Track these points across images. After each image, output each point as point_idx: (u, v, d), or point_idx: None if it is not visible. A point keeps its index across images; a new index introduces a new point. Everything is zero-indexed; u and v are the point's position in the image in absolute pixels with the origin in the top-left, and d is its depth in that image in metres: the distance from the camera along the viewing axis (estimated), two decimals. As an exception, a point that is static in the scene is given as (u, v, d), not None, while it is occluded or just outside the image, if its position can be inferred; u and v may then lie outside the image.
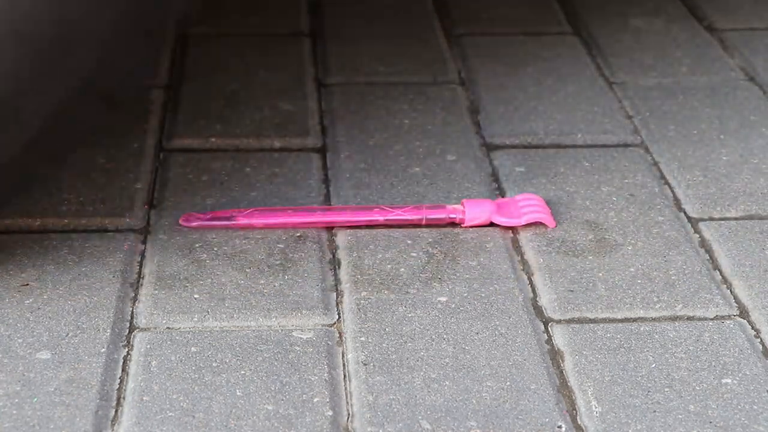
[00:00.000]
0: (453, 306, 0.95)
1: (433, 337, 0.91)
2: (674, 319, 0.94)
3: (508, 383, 0.87)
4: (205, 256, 1.00)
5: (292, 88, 1.29)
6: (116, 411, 0.83)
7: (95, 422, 0.82)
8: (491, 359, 0.89)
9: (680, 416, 0.84)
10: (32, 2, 0.80)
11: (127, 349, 0.89)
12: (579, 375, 0.88)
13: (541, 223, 1.05)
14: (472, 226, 1.05)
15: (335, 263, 1.00)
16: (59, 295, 0.95)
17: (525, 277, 0.99)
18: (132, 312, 0.93)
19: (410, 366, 0.88)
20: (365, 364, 0.88)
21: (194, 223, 1.04)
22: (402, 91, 1.29)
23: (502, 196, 1.10)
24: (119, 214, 1.05)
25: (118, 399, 0.84)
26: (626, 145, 1.19)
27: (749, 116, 1.25)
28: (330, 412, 0.84)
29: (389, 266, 1.00)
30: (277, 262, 1.00)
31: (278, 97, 1.27)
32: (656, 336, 0.92)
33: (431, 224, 1.05)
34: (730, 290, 0.98)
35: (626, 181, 1.13)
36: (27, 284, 0.96)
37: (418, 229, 1.05)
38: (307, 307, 0.94)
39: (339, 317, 0.93)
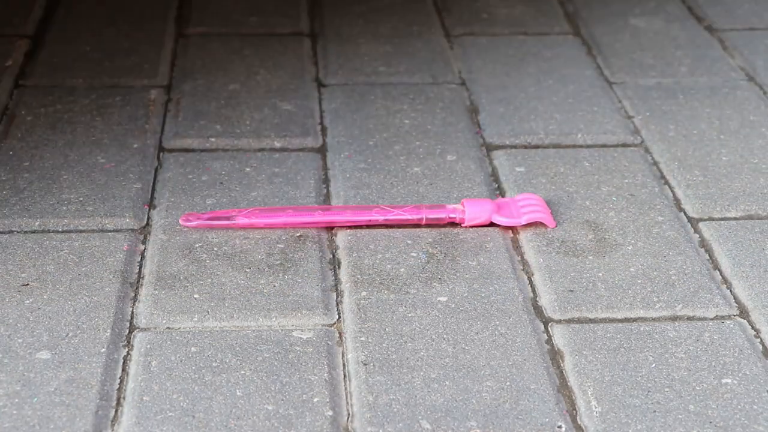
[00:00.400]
0: (453, 306, 0.95)
1: (433, 337, 0.91)
2: (674, 319, 0.94)
3: (508, 383, 0.86)
4: (205, 256, 1.00)
5: (292, 88, 1.29)
6: (116, 411, 0.83)
7: (95, 422, 0.82)
8: (491, 359, 0.89)
9: (680, 416, 0.84)
10: None
11: (127, 349, 0.89)
12: (579, 375, 0.88)
13: (541, 223, 1.05)
14: (472, 226, 1.05)
15: (335, 263, 1.00)
16: (59, 295, 0.95)
17: (525, 277, 0.99)
18: (132, 312, 0.93)
19: (410, 366, 0.88)
20: (365, 364, 0.88)
21: (194, 223, 1.04)
22: (402, 91, 1.29)
23: (502, 196, 1.10)
24: (119, 214, 1.05)
25: (118, 399, 0.84)
26: (626, 145, 1.19)
27: (749, 116, 1.25)
28: (330, 412, 0.84)
29: (389, 266, 1.00)
30: (277, 262, 1.00)
31: (278, 97, 1.27)
32: (656, 336, 0.92)
33: (431, 224, 1.05)
34: (730, 290, 0.98)
35: (626, 181, 1.13)
36: (27, 284, 0.96)
37: (418, 229, 1.05)
38: (307, 307, 0.94)
39: (339, 317, 0.93)
